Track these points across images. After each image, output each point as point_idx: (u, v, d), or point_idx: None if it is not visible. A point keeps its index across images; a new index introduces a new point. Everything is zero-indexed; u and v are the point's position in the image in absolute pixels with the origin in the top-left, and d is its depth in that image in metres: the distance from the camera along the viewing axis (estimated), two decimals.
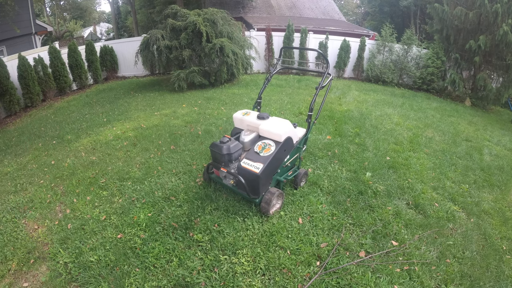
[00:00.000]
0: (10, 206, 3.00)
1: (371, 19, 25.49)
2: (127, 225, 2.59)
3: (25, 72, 6.79)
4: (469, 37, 8.20)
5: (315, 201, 2.84)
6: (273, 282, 2.02)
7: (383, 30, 9.52)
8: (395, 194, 3.07)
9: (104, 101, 7.05)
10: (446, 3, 8.59)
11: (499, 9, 7.24)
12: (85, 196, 3.09)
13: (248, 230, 2.46)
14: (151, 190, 3.08)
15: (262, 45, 9.72)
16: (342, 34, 10.90)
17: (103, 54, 9.19)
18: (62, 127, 5.41)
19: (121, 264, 2.18)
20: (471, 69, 8.77)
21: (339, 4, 29.10)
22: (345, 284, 2.00)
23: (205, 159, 3.69)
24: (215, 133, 4.50)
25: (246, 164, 2.48)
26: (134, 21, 20.13)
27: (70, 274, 2.14)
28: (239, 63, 7.60)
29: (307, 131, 2.93)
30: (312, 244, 2.33)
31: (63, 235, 2.53)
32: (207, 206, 2.75)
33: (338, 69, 9.94)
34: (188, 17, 7.30)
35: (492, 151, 4.69)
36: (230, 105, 6.05)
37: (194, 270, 2.11)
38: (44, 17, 22.14)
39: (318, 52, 4.03)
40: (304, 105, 5.98)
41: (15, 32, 8.61)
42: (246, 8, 15.00)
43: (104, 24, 33.35)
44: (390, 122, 5.39)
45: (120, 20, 26.46)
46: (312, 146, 4.02)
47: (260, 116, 2.81)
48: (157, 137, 4.46)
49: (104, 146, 4.29)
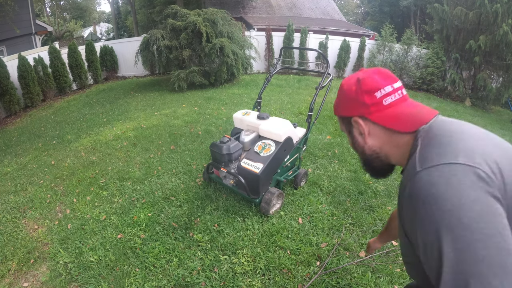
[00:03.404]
0: (10, 206, 3.01)
1: (371, 19, 25.50)
2: (127, 225, 2.59)
3: (25, 72, 6.78)
4: (469, 37, 8.20)
5: (315, 201, 2.84)
6: (273, 282, 2.02)
7: (383, 30, 9.52)
8: (395, 194, 3.07)
9: (104, 101, 7.06)
10: (446, 3, 8.59)
11: (499, 9, 7.24)
12: (85, 196, 3.09)
13: (248, 230, 2.46)
14: (151, 190, 3.08)
15: (262, 45, 9.72)
16: (342, 34, 10.90)
17: (103, 54, 9.19)
18: (62, 127, 5.41)
19: (121, 264, 2.18)
20: (471, 69, 8.77)
21: (339, 4, 29.09)
22: (345, 284, 2.00)
23: (205, 159, 3.69)
24: (215, 133, 4.50)
25: (246, 164, 2.48)
26: (134, 21, 20.13)
27: (70, 274, 2.13)
28: (239, 63, 7.60)
29: (307, 131, 2.93)
30: (312, 244, 2.33)
31: (63, 235, 2.53)
32: (207, 206, 2.75)
33: (338, 69, 9.94)
34: (188, 17, 7.30)
35: None
36: (230, 105, 6.05)
37: (194, 270, 2.11)
38: (44, 17, 22.13)
39: (318, 52, 4.03)
40: (304, 105, 5.98)
41: (15, 32, 8.61)
42: (246, 8, 14.99)
43: (104, 24, 33.35)
44: None
45: (120, 20, 26.46)
46: (312, 146, 4.02)
47: (260, 116, 2.81)
48: (157, 137, 4.46)
49: (104, 146, 4.29)
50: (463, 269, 0.49)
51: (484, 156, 0.56)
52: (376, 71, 0.75)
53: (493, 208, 0.52)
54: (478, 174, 0.54)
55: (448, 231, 0.51)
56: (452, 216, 0.51)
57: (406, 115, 0.70)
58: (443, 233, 0.51)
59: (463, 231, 0.50)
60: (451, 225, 0.51)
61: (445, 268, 0.51)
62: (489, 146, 0.60)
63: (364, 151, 0.79)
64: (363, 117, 0.75)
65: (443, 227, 0.51)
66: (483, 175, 0.53)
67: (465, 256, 0.49)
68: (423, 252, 0.57)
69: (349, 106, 0.78)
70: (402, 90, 0.74)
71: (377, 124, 0.73)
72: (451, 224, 0.51)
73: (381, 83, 0.72)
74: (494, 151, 0.58)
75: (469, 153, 0.56)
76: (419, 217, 0.56)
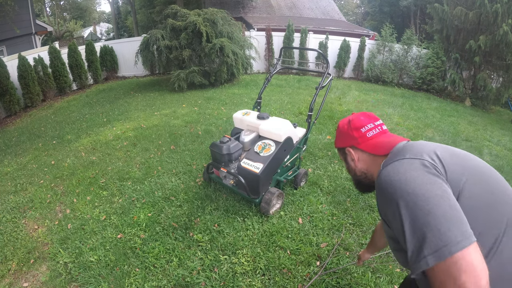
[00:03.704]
0: (10, 206, 3.00)
1: (371, 19, 25.50)
2: (127, 225, 2.59)
3: (25, 72, 6.78)
4: (469, 37, 8.20)
5: (315, 201, 2.84)
6: (273, 282, 2.02)
7: (383, 30, 9.51)
8: None
9: (104, 101, 7.06)
10: (446, 3, 8.58)
11: (499, 9, 7.24)
12: (85, 196, 3.09)
13: (248, 230, 2.46)
14: (151, 190, 3.08)
15: (262, 45, 9.72)
16: (342, 34, 10.90)
17: (103, 54, 9.19)
18: (62, 127, 5.41)
19: (121, 264, 2.18)
20: (471, 69, 8.77)
21: (339, 4, 29.09)
22: (345, 284, 2.00)
23: (205, 159, 3.69)
24: (215, 133, 4.50)
25: (246, 164, 2.48)
26: (134, 21, 20.13)
27: (70, 274, 2.13)
28: (239, 63, 7.59)
29: (307, 131, 2.93)
30: (312, 244, 2.33)
31: (63, 235, 2.53)
32: (207, 206, 2.75)
33: (338, 69, 9.94)
34: (188, 17, 7.30)
35: (492, 151, 4.69)
36: (230, 105, 6.05)
37: (194, 270, 2.11)
38: (44, 17, 22.13)
39: (318, 52, 4.04)
40: (304, 105, 5.98)
41: (15, 32, 8.61)
42: (246, 8, 14.99)
43: (104, 24, 33.35)
44: (390, 122, 5.39)
45: (120, 20, 26.46)
46: (312, 146, 4.02)
47: (260, 116, 2.81)
48: (157, 137, 4.46)
49: (104, 146, 4.29)
50: (417, 224, 0.67)
51: (427, 152, 0.78)
52: (362, 114, 1.04)
53: (431, 180, 0.71)
54: (422, 162, 0.75)
55: (401, 200, 0.70)
56: (402, 190, 0.71)
57: (384, 143, 0.95)
58: (400, 202, 0.71)
59: (410, 197, 0.69)
60: (403, 196, 0.70)
61: (406, 228, 0.69)
62: (433, 146, 0.82)
63: (356, 173, 1.05)
64: (354, 146, 1.02)
65: (399, 198, 0.71)
66: (426, 163, 0.75)
67: (416, 214, 0.67)
68: (394, 226, 0.75)
69: (343, 140, 1.06)
70: (382, 126, 1.02)
71: (363, 151, 1.00)
72: (403, 195, 0.71)
73: (365, 122, 1.00)
74: (437, 148, 0.81)
75: (415, 152, 0.79)
76: (384, 199, 0.77)
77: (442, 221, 0.64)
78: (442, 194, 0.68)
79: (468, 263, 0.61)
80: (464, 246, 0.62)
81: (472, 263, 0.61)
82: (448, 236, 0.63)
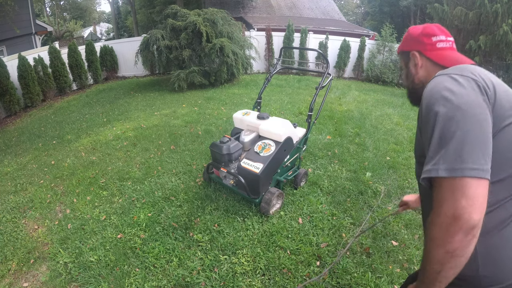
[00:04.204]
0: (10, 206, 3.01)
1: (371, 19, 25.51)
2: (127, 225, 2.59)
3: (25, 72, 6.78)
4: (469, 37, 8.21)
5: (315, 201, 2.84)
6: (273, 282, 2.02)
7: (383, 30, 9.51)
8: (395, 194, 3.07)
9: (104, 101, 7.06)
10: (446, 3, 8.59)
11: (499, 9, 7.24)
12: (85, 196, 3.09)
13: (248, 230, 2.46)
14: (151, 190, 3.08)
15: (262, 45, 9.72)
16: (342, 34, 10.90)
17: (103, 54, 9.19)
18: (62, 127, 5.41)
19: (121, 264, 2.18)
20: None
21: (339, 4, 29.10)
22: (345, 284, 2.00)
23: (205, 159, 3.69)
24: (215, 133, 4.50)
25: (246, 164, 2.48)
26: (134, 21, 20.14)
27: (70, 274, 2.13)
28: (239, 63, 7.60)
29: (307, 131, 2.93)
30: (312, 244, 2.33)
31: (63, 235, 2.53)
32: (207, 206, 2.75)
33: (338, 69, 9.94)
34: (188, 17, 7.31)
35: None
36: (230, 105, 6.05)
37: (194, 270, 2.11)
38: (44, 17, 22.14)
39: (318, 52, 4.04)
40: (304, 105, 5.98)
41: (15, 32, 8.61)
42: (246, 8, 15.00)
43: (104, 24, 33.38)
44: (390, 122, 5.39)
45: (120, 20, 26.48)
46: (312, 146, 4.02)
47: (260, 116, 2.81)
48: (157, 137, 4.46)
49: (104, 146, 4.29)
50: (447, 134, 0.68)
51: (486, 77, 0.76)
52: (436, 25, 1.01)
53: (479, 103, 0.71)
54: (477, 83, 0.74)
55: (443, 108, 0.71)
56: (448, 99, 0.72)
57: (451, 57, 0.94)
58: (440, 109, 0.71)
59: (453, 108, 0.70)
60: (446, 105, 0.71)
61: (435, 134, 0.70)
62: (493, 77, 0.80)
63: (413, 80, 1.02)
64: (420, 52, 0.99)
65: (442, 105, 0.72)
66: (481, 85, 0.73)
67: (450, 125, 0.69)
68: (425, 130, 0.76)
69: (411, 43, 1.02)
70: (453, 43, 0.99)
71: (429, 59, 0.98)
72: (446, 104, 0.71)
73: (438, 33, 0.98)
74: (494, 79, 0.79)
75: (474, 73, 0.77)
76: (428, 101, 0.76)
77: (470, 143, 0.66)
78: (482, 121, 0.69)
79: (473, 192, 0.63)
80: (477, 176, 0.64)
81: (477, 195, 0.63)
82: (467, 159, 0.64)
